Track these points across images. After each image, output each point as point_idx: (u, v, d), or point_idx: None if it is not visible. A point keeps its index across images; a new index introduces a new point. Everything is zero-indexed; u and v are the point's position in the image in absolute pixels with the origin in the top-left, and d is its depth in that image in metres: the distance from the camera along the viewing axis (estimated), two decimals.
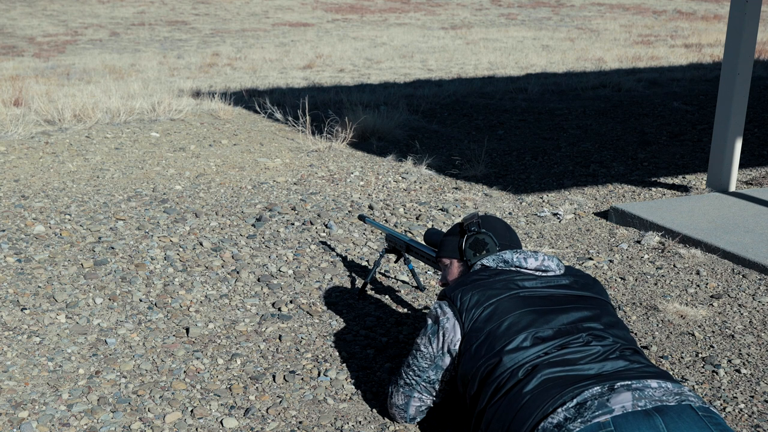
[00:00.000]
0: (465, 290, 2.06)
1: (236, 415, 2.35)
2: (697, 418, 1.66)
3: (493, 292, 2.05)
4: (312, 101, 7.04)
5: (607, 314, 2.10)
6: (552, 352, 1.93)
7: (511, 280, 2.10)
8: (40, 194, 4.28)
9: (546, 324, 1.99)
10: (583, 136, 6.20)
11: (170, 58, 14.75)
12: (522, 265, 2.15)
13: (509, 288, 2.06)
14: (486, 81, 9.68)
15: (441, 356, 2.09)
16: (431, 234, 2.79)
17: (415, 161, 5.21)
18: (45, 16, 23.92)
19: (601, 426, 1.65)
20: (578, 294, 2.12)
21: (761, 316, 3.01)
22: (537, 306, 2.03)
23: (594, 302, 2.12)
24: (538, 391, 1.83)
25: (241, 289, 3.24)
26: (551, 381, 1.85)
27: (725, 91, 4.41)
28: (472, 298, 2.03)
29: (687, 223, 3.88)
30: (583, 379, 1.83)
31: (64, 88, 9.10)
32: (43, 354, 2.68)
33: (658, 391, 1.74)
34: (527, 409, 1.80)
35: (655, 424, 1.63)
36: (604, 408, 1.69)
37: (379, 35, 19.08)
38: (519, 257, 2.15)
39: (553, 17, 23.82)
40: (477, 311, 2.01)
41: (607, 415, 1.67)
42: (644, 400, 1.70)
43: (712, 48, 14.06)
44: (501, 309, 2.00)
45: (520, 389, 1.86)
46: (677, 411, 1.67)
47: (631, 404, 1.69)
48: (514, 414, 1.82)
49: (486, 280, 2.10)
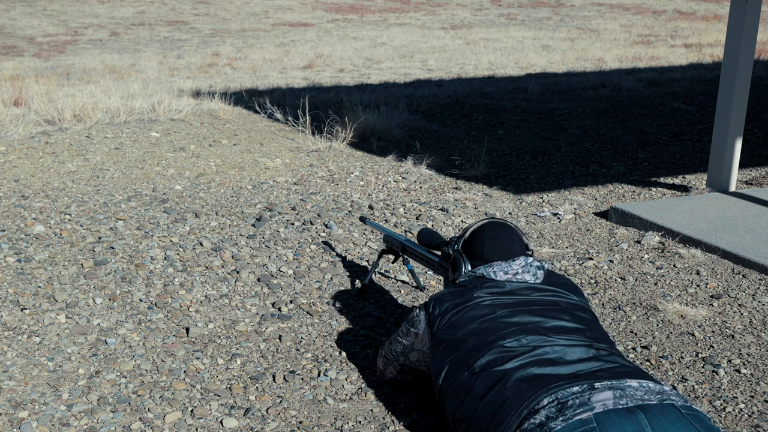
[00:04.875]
0: (438, 300, 2.25)
1: (236, 415, 2.35)
2: (680, 416, 1.67)
3: (460, 300, 2.21)
4: (312, 101, 7.05)
5: (580, 318, 2.14)
6: (523, 353, 1.96)
7: (479, 289, 2.23)
8: (40, 194, 4.28)
9: (514, 328, 2.06)
10: (583, 136, 6.20)
11: (170, 58, 14.75)
12: (492, 277, 2.28)
13: (476, 297, 2.20)
14: (486, 81, 9.68)
15: (411, 350, 2.33)
16: (424, 234, 2.81)
17: (415, 161, 5.21)
18: (45, 16, 23.92)
19: (583, 423, 1.66)
20: (550, 299, 2.20)
21: (761, 316, 3.01)
22: (504, 311, 2.13)
23: (567, 307, 2.18)
24: (513, 392, 1.85)
25: (241, 289, 3.24)
26: (526, 381, 1.86)
27: (725, 91, 4.41)
28: (442, 306, 2.22)
29: (687, 223, 3.88)
30: (557, 379, 1.85)
31: (64, 88, 9.10)
32: (43, 354, 2.68)
33: (639, 391, 1.74)
34: (504, 411, 1.82)
35: (637, 420, 1.64)
36: (586, 406, 1.70)
37: (379, 35, 19.08)
38: (489, 270, 2.28)
39: (553, 17, 23.82)
40: (444, 318, 2.18)
41: (588, 412, 1.68)
42: (626, 399, 1.71)
43: (712, 48, 14.06)
44: (467, 317, 2.14)
45: (495, 392, 1.88)
46: (659, 409, 1.68)
47: (612, 402, 1.70)
48: (491, 417, 1.84)
49: (458, 291, 2.27)
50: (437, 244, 2.76)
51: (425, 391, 2.47)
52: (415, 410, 2.37)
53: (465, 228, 2.51)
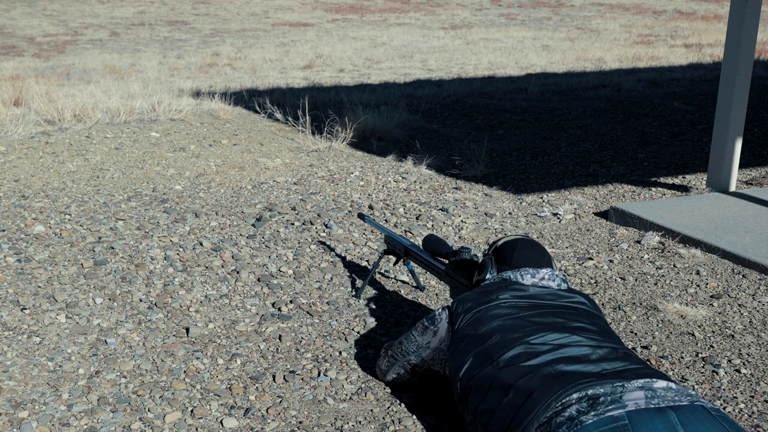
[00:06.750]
0: (462, 300, 2.29)
1: (236, 415, 2.35)
2: (710, 417, 1.68)
3: (483, 299, 2.25)
4: (312, 101, 7.04)
5: (600, 324, 2.18)
6: (550, 351, 1.99)
7: (504, 291, 2.28)
8: (40, 194, 4.28)
9: (539, 326, 2.10)
10: (583, 136, 6.20)
11: (170, 58, 14.76)
12: (519, 280, 2.33)
13: (499, 298, 2.24)
14: (486, 81, 9.68)
15: (426, 348, 2.33)
16: (431, 241, 2.81)
17: (415, 161, 5.21)
18: (45, 16, 23.92)
19: (614, 419, 1.67)
20: (572, 306, 2.23)
21: (761, 316, 3.01)
22: (528, 312, 2.17)
23: (587, 314, 2.22)
24: (541, 384, 1.86)
25: (241, 289, 3.24)
26: (553, 377, 1.88)
27: (725, 91, 4.41)
28: (465, 305, 2.25)
29: (687, 223, 3.88)
30: (585, 376, 1.86)
31: (64, 88, 9.10)
32: (43, 354, 2.67)
33: (669, 392, 1.76)
34: (532, 401, 1.84)
35: (669, 419, 1.65)
36: (618, 403, 1.71)
37: (379, 35, 19.09)
38: (517, 274, 2.34)
39: (553, 17, 23.83)
40: (467, 316, 2.21)
41: (621, 410, 1.69)
42: (657, 399, 1.72)
43: (712, 48, 14.06)
44: (489, 315, 2.17)
45: (524, 384, 1.89)
46: (690, 409, 1.69)
47: (644, 402, 1.71)
48: (518, 407, 1.85)
49: (482, 291, 2.31)
50: (445, 253, 2.76)
51: (425, 391, 2.47)
52: (415, 410, 2.37)
53: (497, 238, 2.55)
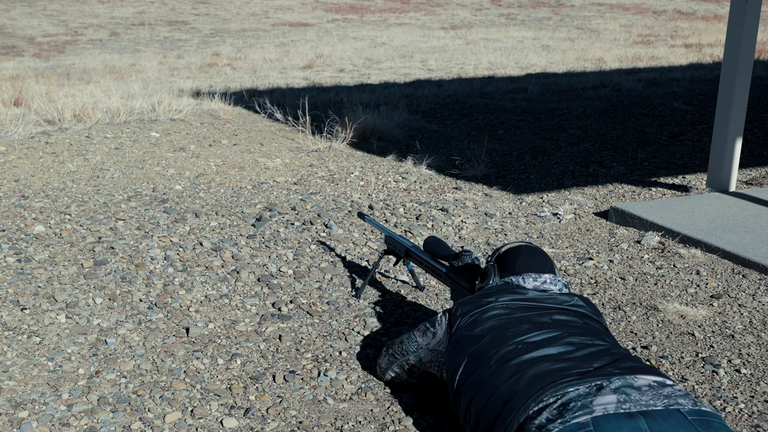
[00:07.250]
0: (462, 303, 2.32)
1: (236, 415, 2.35)
2: (685, 422, 1.65)
3: (482, 302, 2.28)
4: (312, 101, 7.04)
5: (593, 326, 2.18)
6: (538, 348, 2.00)
7: (504, 294, 2.30)
8: (40, 194, 4.28)
9: (531, 324, 2.12)
10: (583, 136, 6.20)
11: (170, 58, 14.76)
12: (520, 284, 2.35)
13: (498, 300, 2.27)
14: (486, 81, 9.68)
15: (425, 350, 2.36)
16: (432, 243, 2.81)
17: (415, 161, 5.21)
18: (45, 16, 23.92)
19: (580, 426, 1.66)
20: (570, 309, 2.24)
21: (761, 316, 3.01)
22: (523, 313, 2.19)
23: (585, 316, 2.22)
24: (523, 386, 1.87)
25: (241, 289, 3.24)
26: (538, 376, 1.88)
27: (725, 91, 4.41)
28: (464, 308, 2.28)
29: (687, 223, 3.88)
30: (567, 374, 1.86)
31: (64, 88, 9.10)
32: (43, 354, 2.67)
33: (646, 395, 1.73)
34: (511, 405, 1.84)
35: (637, 426, 1.63)
36: (586, 409, 1.70)
37: (379, 35, 19.09)
38: (519, 278, 2.36)
39: (553, 17, 23.82)
40: (465, 318, 2.25)
41: (587, 416, 1.68)
42: (629, 404, 1.70)
43: (712, 48, 14.06)
44: (486, 316, 2.20)
45: (508, 386, 1.90)
46: (663, 414, 1.67)
47: (614, 406, 1.69)
48: (499, 410, 1.86)
49: (482, 294, 2.33)
50: (446, 256, 2.76)
51: (425, 391, 2.47)
52: (415, 410, 2.37)
53: (501, 245, 2.58)
